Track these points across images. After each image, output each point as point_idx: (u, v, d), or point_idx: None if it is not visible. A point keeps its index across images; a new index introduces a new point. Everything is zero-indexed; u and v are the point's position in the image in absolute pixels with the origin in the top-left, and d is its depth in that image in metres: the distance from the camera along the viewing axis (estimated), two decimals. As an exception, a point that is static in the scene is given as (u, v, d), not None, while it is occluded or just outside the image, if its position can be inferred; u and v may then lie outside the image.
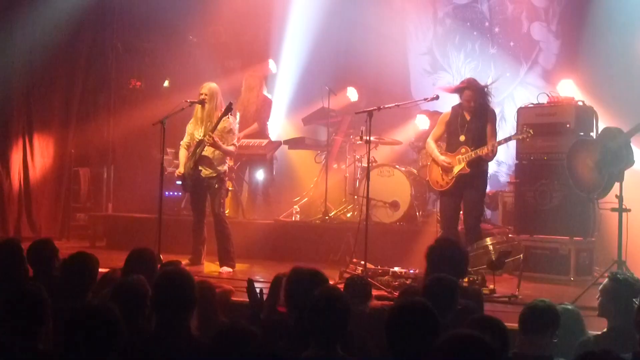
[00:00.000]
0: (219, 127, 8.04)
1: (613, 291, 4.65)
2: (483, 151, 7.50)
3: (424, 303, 3.43)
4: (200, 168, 8.15)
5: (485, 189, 8.10)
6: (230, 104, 8.20)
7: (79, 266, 4.87)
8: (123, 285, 4.22)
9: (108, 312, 3.32)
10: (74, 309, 3.35)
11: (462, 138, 7.65)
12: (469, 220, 7.74)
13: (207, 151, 8.12)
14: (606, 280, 4.84)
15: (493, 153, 7.59)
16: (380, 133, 9.91)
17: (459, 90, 7.69)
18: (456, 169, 7.64)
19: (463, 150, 7.62)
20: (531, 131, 7.54)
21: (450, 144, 7.83)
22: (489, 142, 7.53)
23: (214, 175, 8.21)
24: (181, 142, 8.45)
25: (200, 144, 8.10)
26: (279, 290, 4.74)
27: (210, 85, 8.29)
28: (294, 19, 11.87)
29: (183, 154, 8.37)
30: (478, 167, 7.66)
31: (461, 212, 7.92)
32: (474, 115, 7.65)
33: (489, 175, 8.45)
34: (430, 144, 7.94)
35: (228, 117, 8.12)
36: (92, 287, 4.80)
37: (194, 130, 8.31)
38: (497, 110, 7.95)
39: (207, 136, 7.98)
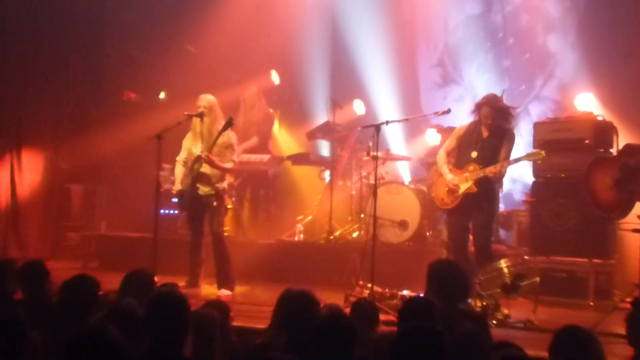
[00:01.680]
0: (217, 142, 7.95)
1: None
2: (491, 170, 7.36)
3: (430, 328, 3.40)
4: (198, 185, 8.07)
5: (495, 209, 8.00)
6: (231, 118, 8.15)
7: (81, 289, 4.75)
8: (116, 309, 4.20)
9: (109, 335, 3.30)
10: (75, 333, 3.32)
11: (473, 154, 7.54)
12: (479, 243, 7.60)
13: (206, 167, 8.03)
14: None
15: (501, 174, 7.48)
16: (388, 149, 9.94)
17: (478, 106, 7.60)
18: (463, 187, 7.54)
19: (471, 167, 7.52)
20: (543, 153, 7.42)
21: (459, 159, 7.75)
22: (499, 163, 7.41)
23: (213, 192, 8.11)
24: (177, 158, 8.36)
25: (198, 159, 8.03)
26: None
27: (208, 97, 8.21)
28: (297, 28, 11.93)
29: (179, 170, 8.29)
30: (486, 187, 7.52)
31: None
32: (491, 134, 7.56)
33: (502, 193, 8.64)
34: (442, 156, 7.86)
35: (228, 132, 8.05)
36: (93, 310, 4.68)
37: (191, 146, 8.23)
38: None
39: (204, 154, 7.91)
